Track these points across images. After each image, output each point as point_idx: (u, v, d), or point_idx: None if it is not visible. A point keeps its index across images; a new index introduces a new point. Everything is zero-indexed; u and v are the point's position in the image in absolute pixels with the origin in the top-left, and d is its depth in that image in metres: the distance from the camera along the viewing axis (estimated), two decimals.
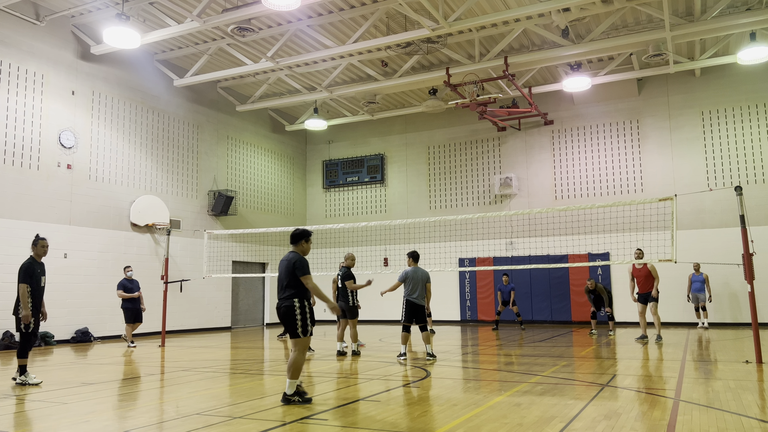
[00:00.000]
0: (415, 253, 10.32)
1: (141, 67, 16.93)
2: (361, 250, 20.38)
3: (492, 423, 5.30)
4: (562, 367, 9.02)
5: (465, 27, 14.12)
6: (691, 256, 15.69)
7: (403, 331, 10.19)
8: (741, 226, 9.44)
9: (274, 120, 22.11)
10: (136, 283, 13.50)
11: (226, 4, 13.66)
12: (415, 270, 10.08)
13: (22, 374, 7.85)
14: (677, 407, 5.89)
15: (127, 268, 13.56)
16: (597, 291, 14.64)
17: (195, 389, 7.56)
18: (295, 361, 6.29)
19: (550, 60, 16.10)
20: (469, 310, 20.18)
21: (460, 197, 20.97)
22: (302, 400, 6.27)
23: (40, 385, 7.87)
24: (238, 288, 20.11)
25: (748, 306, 9.52)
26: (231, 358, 11.40)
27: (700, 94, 18.14)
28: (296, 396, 6.27)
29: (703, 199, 17.04)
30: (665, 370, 8.80)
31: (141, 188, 16.61)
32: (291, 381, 6.26)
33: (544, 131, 20.03)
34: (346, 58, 16.85)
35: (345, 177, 22.84)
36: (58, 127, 14.63)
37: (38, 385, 7.83)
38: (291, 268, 6.47)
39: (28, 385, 7.77)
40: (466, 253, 19.72)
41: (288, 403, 6.21)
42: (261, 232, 18.22)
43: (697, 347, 11.73)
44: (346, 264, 11.13)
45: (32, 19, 14.19)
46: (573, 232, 17.98)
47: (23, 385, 7.78)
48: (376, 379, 8.17)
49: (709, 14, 13.93)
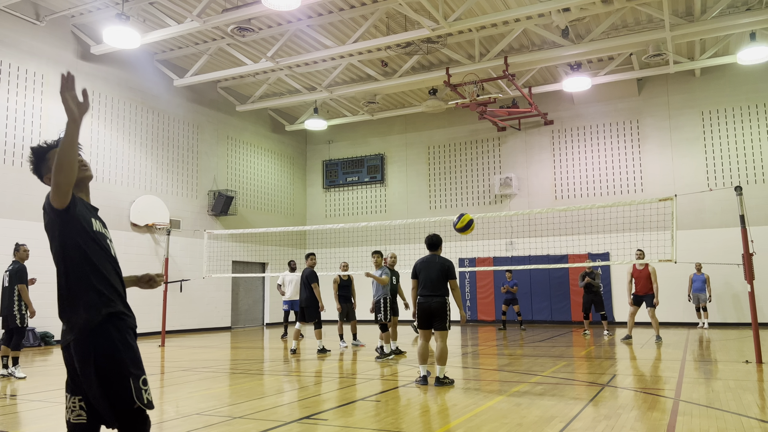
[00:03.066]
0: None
1: (141, 67, 16.92)
2: (361, 250, 20.36)
3: (492, 423, 5.30)
4: (562, 367, 9.02)
5: (465, 27, 14.12)
6: (691, 256, 15.69)
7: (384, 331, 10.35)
8: (741, 226, 9.44)
9: (274, 120, 22.11)
10: None
11: (226, 4, 13.66)
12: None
13: (14, 365, 8.63)
14: (677, 407, 5.89)
15: None
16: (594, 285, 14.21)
17: (195, 389, 7.56)
18: (444, 350, 7.38)
19: (550, 60, 16.10)
20: (469, 310, 20.18)
21: (460, 197, 20.97)
22: (451, 381, 7.44)
23: (25, 379, 8.46)
24: (238, 288, 20.11)
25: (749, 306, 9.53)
26: (231, 358, 11.40)
27: (700, 94, 18.14)
28: (446, 379, 7.37)
29: (703, 199, 17.04)
30: (665, 370, 8.80)
31: (141, 188, 16.61)
32: (441, 367, 7.36)
33: (544, 131, 20.03)
34: (346, 58, 16.85)
35: (345, 177, 22.84)
36: (58, 127, 14.61)
37: (23, 379, 8.47)
38: (446, 271, 7.62)
39: (14, 377, 8.50)
40: (466, 253, 19.72)
41: (442, 385, 7.27)
42: (261, 232, 18.24)
43: (697, 347, 11.73)
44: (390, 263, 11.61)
45: (32, 19, 14.19)
46: (573, 232, 17.98)
47: (10, 376, 8.54)
48: (376, 379, 8.16)
49: (709, 14, 13.93)
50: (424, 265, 7.70)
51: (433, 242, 7.88)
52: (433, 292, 7.54)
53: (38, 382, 8.32)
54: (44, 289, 13.22)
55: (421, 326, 7.63)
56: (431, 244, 7.87)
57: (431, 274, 7.60)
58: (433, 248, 7.87)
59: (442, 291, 7.58)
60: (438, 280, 7.58)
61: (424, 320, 7.56)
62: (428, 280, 7.58)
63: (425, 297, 7.54)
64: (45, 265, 15.34)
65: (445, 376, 7.39)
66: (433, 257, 7.79)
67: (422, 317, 7.55)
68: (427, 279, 7.59)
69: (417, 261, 7.82)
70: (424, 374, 7.56)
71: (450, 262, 7.75)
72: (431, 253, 7.86)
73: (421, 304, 7.56)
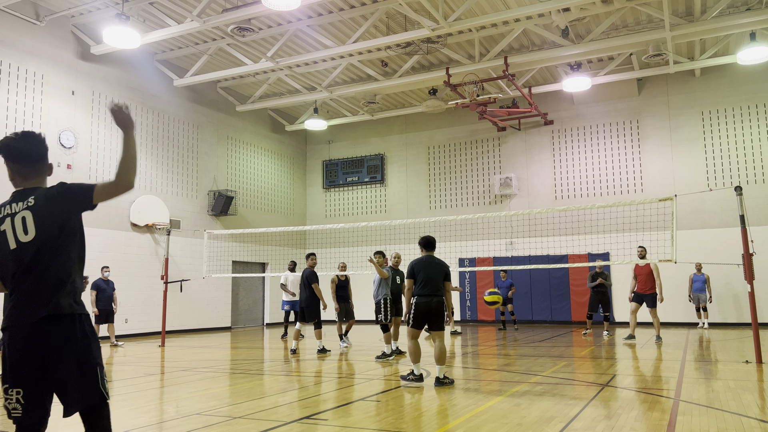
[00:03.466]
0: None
1: (141, 67, 16.92)
2: (361, 250, 20.34)
3: (492, 423, 5.30)
4: (562, 367, 9.02)
5: (465, 27, 14.12)
6: (691, 256, 15.69)
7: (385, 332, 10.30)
8: (741, 226, 9.43)
9: (274, 120, 22.11)
10: (112, 284, 13.79)
11: (226, 4, 13.66)
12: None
13: None
14: (677, 407, 5.89)
15: (104, 269, 13.85)
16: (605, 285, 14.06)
17: (195, 389, 7.56)
18: (443, 349, 7.43)
19: (550, 60, 16.10)
20: (469, 310, 20.18)
21: (460, 197, 20.97)
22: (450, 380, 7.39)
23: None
24: (238, 288, 20.11)
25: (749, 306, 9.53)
26: (231, 358, 11.40)
27: (700, 94, 18.14)
28: (446, 379, 7.35)
29: (703, 199, 17.04)
30: (665, 370, 8.80)
31: (141, 188, 16.60)
32: (441, 367, 7.36)
33: (544, 131, 20.03)
34: (346, 58, 16.85)
35: (345, 177, 22.84)
36: (58, 127, 14.63)
37: None
38: (446, 272, 7.72)
39: None
40: (466, 253, 19.72)
41: (442, 385, 7.25)
42: (261, 232, 18.23)
43: (697, 347, 11.73)
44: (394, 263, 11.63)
45: (32, 19, 14.19)
46: (573, 232, 17.97)
47: None
48: (376, 379, 8.16)
49: (709, 14, 13.93)
50: (424, 266, 7.62)
51: (431, 243, 7.87)
52: (434, 292, 7.49)
53: None
54: None
55: (417, 326, 7.57)
56: (429, 244, 7.85)
57: (433, 275, 7.54)
58: (430, 248, 7.84)
59: (441, 291, 7.58)
60: (439, 281, 7.57)
61: (421, 320, 7.53)
62: (430, 280, 7.51)
63: (426, 297, 7.48)
64: None
65: (445, 376, 7.33)
66: (432, 258, 7.76)
67: (420, 317, 7.51)
68: (428, 279, 7.51)
69: (414, 261, 7.71)
70: (420, 372, 7.59)
71: (447, 264, 7.89)
72: (428, 253, 7.80)
73: (419, 304, 7.48)
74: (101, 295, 13.49)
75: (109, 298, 13.63)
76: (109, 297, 13.63)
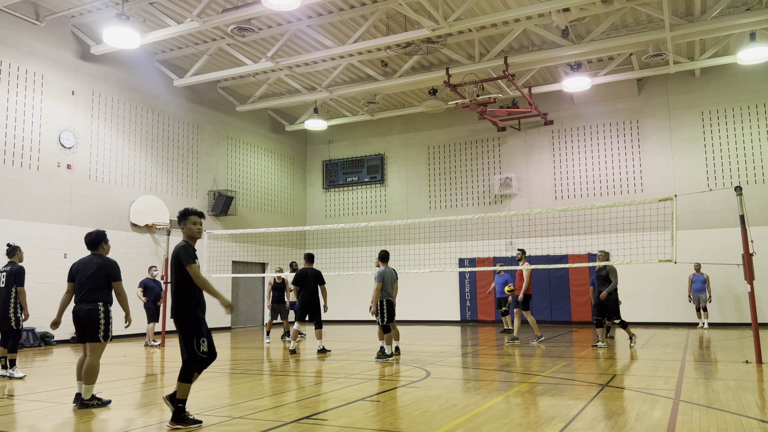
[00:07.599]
0: (386, 252, 10.83)
1: (141, 67, 16.92)
2: (361, 250, 20.37)
3: (492, 423, 5.30)
4: (562, 367, 9.02)
5: (465, 27, 14.11)
6: (691, 256, 15.69)
7: (386, 332, 10.47)
8: (741, 226, 9.44)
9: (274, 120, 22.11)
10: (159, 284, 13.79)
11: (226, 4, 13.66)
12: (390, 269, 10.72)
13: (11, 367, 8.53)
14: (677, 407, 5.89)
15: (152, 268, 14.05)
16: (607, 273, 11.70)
17: (195, 389, 7.54)
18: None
19: (550, 60, 16.10)
20: (469, 311, 20.18)
21: (460, 197, 20.97)
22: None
23: (24, 379, 8.45)
24: (237, 288, 20.10)
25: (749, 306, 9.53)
26: (231, 358, 11.39)
27: (700, 94, 18.14)
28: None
29: (703, 199, 17.04)
30: (665, 370, 8.79)
31: (141, 188, 16.60)
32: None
33: (544, 131, 20.03)
34: (346, 58, 16.86)
35: (345, 177, 22.84)
36: (58, 127, 14.62)
37: (23, 378, 8.45)
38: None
39: (14, 378, 8.41)
40: (466, 253, 19.72)
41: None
42: (261, 232, 18.23)
43: (697, 347, 11.73)
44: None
45: (32, 19, 14.19)
46: (573, 233, 17.97)
47: (10, 378, 8.42)
48: (375, 379, 8.16)
49: (709, 14, 13.93)
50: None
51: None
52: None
53: (38, 382, 8.32)
54: (44, 290, 13.29)
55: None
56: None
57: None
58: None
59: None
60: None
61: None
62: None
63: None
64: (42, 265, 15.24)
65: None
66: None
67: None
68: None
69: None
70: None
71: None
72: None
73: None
74: (149, 294, 13.59)
75: (157, 296, 13.66)
76: (157, 295, 13.66)
